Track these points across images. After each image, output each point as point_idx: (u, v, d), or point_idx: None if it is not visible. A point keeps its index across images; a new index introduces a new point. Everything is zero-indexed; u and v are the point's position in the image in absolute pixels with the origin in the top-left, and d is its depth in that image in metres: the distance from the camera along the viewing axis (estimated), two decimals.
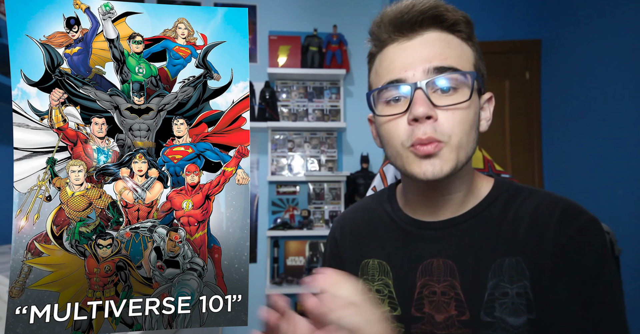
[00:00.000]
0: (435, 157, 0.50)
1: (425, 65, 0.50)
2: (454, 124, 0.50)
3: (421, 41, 0.52)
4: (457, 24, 0.53)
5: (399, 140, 0.52)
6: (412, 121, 0.50)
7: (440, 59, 0.51)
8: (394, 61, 0.53)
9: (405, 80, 0.51)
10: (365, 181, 2.32)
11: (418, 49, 0.52)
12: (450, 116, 0.50)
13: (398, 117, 0.52)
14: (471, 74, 0.51)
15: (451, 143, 0.50)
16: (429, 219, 0.59)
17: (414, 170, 0.52)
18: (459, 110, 0.50)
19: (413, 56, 0.52)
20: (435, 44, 0.52)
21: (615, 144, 1.79)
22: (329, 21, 2.54)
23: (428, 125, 0.50)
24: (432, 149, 0.50)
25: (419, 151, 0.50)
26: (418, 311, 0.56)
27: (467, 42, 0.54)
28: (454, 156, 0.51)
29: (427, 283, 0.56)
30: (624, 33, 1.75)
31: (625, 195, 1.72)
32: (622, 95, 1.75)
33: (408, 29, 0.53)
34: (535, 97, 2.39)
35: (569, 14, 2.17)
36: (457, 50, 0.52)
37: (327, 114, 2.53)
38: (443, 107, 0.50)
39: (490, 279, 0.52)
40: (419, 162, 0.51)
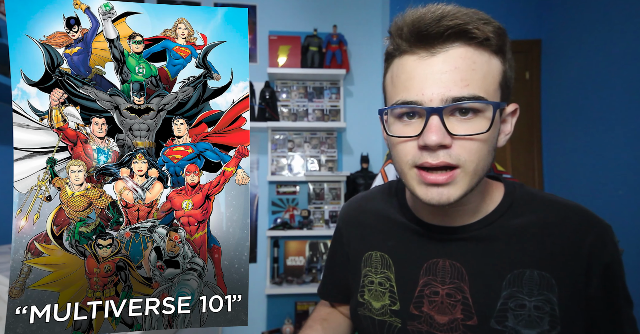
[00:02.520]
0: (444, 187, 0.47)
1: (445, 93, 0.46)
2: (471, 152, 0.47)
3: (444, 59, 0.46)
4: (487, 40, 0.47)
5: (406, 159, 0.49)
6: (423, 147, 0.47)
7: (461, 85, 0.45)
8: (411, 79, 0.48)
9: (422, 103, 0.47)
10: (365, 181, 2.32)
11: (439, 69, 0.46)
12: (467, 144, 0.46)
13: (409, 140, 0.49)
14: (493, 105, 0.46)
15: (466, 168, 0.47)
16: (438, 224, 0.57)
17: (417, 193, 0.49)
18: (477, 140, 0.47)
19: (433, 78, 0.46)
20: (459, 64, 0.46)
21: (615, 144, 1.79)
22: (329, 21, 2.54)
23: (440, 151, 0.46)
24: (443, 180, 0.47)
25: (426, 178, 0.47)
26: (416, 309, 0.56)
27: (496, 55, 0.49)
28: (467, 183, 0.48)
29: (430, 283, 0.56)
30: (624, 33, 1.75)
31: (625, 195, 1.72)
32: (622, 95, 1.75)
33: (431, 44, 0.47)
34: (535, 97, 2.39)
35: (569, 14, 2.17)
36: (483, 70, 0.47)
37: (327, 114, 2.53)
38: (460, 137, 0.46)
39: (504, 289, 0.51)
40: (425, 188, 0.48)
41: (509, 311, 0.50)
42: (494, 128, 0.48)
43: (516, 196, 0.57)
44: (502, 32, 0.48)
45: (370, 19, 2.58)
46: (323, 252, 2.44)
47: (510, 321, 0.50)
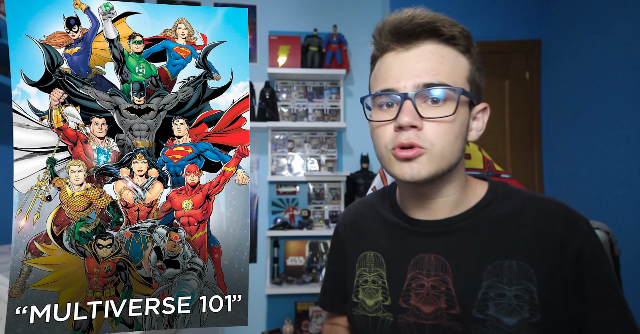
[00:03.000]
0: (414, 162, 0.53)
1: (417, 81, 0.53)
2: (438, 134, 0.53)
3: (417, 53, 0.54)
4: (454, 38, 0.54)
5: (384, 143, 0.56)
6: (398, 128, 0.53)
7: (431, 74, 0.53)
8: (390, 70, 0.56)
9: (397, 90, 0.54)
10: (365, 181, 2.32)
11: (413, 61, 0.54)
12: (435, 126, 0.53)
13: (387, 124, 0.55)
14: (458, 90, 0.53)
15: (433, 151, 0.53)
16: (423, 218, 0.61)
17: (394, 170, 0.55)
18: (444, 122, 0.53)
19: (407, 68, 0.54)
20: (429, 57, 0.54)
21: (615, 144, 1.79)
22: (329, 21, 2.54)
23: (412, 132, 0.52)
24: (411, 154, 0.53)
25: (398, 154, 0.54)
26: (405, 302, 0.59)
27: (464, 54, 0.56)
28: (435, 163, 0.53)
29: (417, 276, 0.59)
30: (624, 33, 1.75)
31: (625, 195, 1.72)
32: (622, 95, 1.76)
33: (405, 40, 0.55)
34: (535, 97, 2.39)
35: (569, 14, 2.17)
36: (451, 64, 0.54)
37: (327, 114, 2.53)
38: (428, 119, 0.53)
39: (485, 279, 0.54)
40: (399, 165, 0.54)
41: (489, 300, 0.53)
42: (460, 116, 0.54)
43: (498, 192, 0.61)
44: (467, 34, 0.56)
45: (370, 19, 2.58)
46: (323, 252, 2.44)
47: (490, 309, 0.53)
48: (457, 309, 0.54)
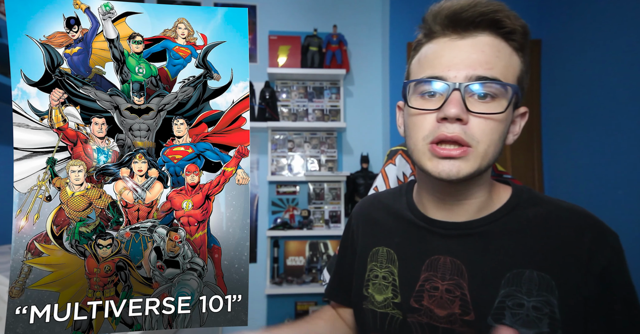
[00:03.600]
0: (458, 160, 0.49)
1: (470, 72, 0.49)
2: (484, 132, 0.49)
3: (472, 43, 0.50)
4: (513, 33, 0.51)
5: (422, 134, 0.52)
6: (441, 120, 0.50)
7: (486, 67, 0.49)
8: (441, 57, 0.51)
9: (446, 79, 0.50)
10: (365, 181, 2.32)
11: (467, 50, 0.50)
12: (482, 123, 0.49)
13: (428, 113, 0.51)
14: (512, 88, 0.50)
15: (478, 149, 0.49)
16: (442, 219, 0.59)
17: (428, 167, 0.51)
18: (492, 120, 0.49)
19: (460, 57, 0.50)
20: (486, 49, 0.50)
21: (615, 144, 1.79)
22: (329, 21, 2.54)
23: (457, 125, 0.49)
24: (456, 154, 0.49)
25: (439, 152, 0.50)
26: (416, 302, 0.57)
27: (517, 52, 0.52)
28: (477, 163, 0.50)
29: (430, 278, 0.57)
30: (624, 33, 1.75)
31: (625, 195, 1.72)
32: (622, 95, 1.75)
33: (463, 28, 0.51)
34: (535, 97, 2.39)
35: (569, 14, 2.17)
36: (505, 60, 0.51)
37: (327, 114, 2.53)
38: (476, 114, 0.49)
39: (503, 287, 0.52)
40: (438, 162, 0.50)
41: (506, 309, 0.51)
42: (507, 115, 0.51)
43: (522, 197, 0.57)
44: (527, 30, 0.52)
45: (370, 19, 2.58)
46: (323, 252, 2.44)
47: (507, 319, 0.50)
48: (471, 316, 0.52)
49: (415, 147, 0.53)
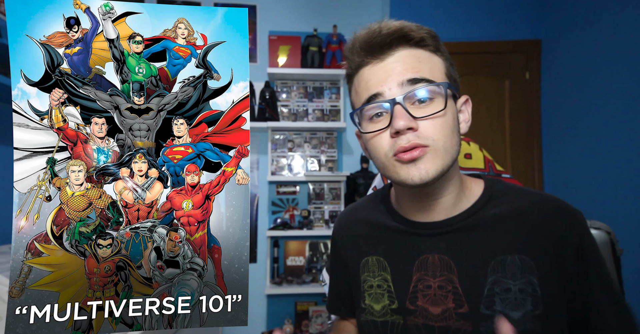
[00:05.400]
0: (421, 162, 0.53)
1: (399, 79, 0.54)
2: (436, 130, 0.53)
3: (393, 60, 0.55)
4: (423, 40, 0.56)
5: (383, 152, 0.55)
6: (395, 134, 0.53)
7: (413, 71, 0.54)
8: (370, 80, 0.56)
9: (382, 94, 0.54)
10: (365, 181, 2.32)
11: (391, 67, 0.55)
12: (430, 123, 0.53)
13: (381, 132, 0.55)
14: (443, 84, 0.54)
15: (436, 146, 0.53)
16: (422, 220, 0.61)
17: (401, 176, 0.54)
18: (438, 118, 0.53)
19: (387, 73, 0.55)
20: (406, 59, 0.55)
21: (615, 144, 1.79)
22: (329, 21, 2.54)
23: (410, 134, 0.52)
24: (417, 154, 0.52)
25: (403, 158, 0.53)
26: (412, 304, 0.59)
27: (435, 53, 0.57)
28: (440, 159, 0.53)
29: (422, 278, 0.59)
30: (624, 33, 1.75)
31: (625, 195, 1.72)
32: (622, 95, 1.75)
33: (378, 51, 0.56)
34: (535, 97, 2.39)
35: (569, 14, 2.17)
36: (428, 63, 0.55)
37: (327, 114, 2.53)
38: (423, 118, 0.53)
39: (489, 275, 0.55)
40: (406, 169, 0.53)
41: (495, 295, 0.54)
42: (450, 109, 0.55)
43: (494, 189, 0.61)
44: (434, 34, 0.57)
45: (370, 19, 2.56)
46: (323, 252, 2.44)
47: (497, 305, 0.53)
48: (465, 308, 0.55)
49: (383, 165, 0.57)
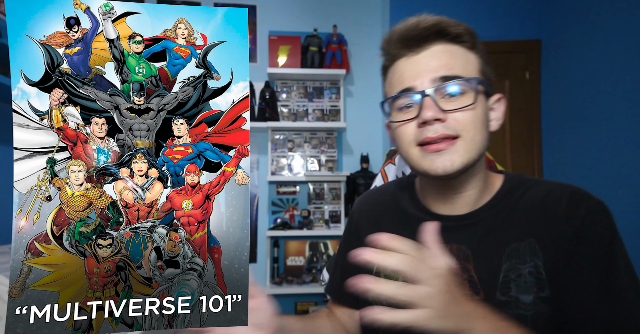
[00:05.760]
0: (447, 153, 0.53)
1: (432, 75, 0.54)
2: (465, 121, 0.53)
3: (428, 54, 0.56)
4: (460, 36, 0.57)
5: (408, 141, 0.56)
6: (421, 124, 0.54)
7: (446, 69, 0.54)
8: (404, 73, 0.57)
9: (415, 88, 0.55)
10: (365, 181, 2.32)
11: (425, 61, 0.56)
12: (460, 115, 0.54)
13: (409, 122, 0.56)
14: (474, 80, 0.55)
15: (464, 137, 0.53)
16: (445, 213, 0.62)
17: (424, 166, 0.55)
18: (468, 110, 0.54)
19: (420, 67, 0.56)
20: (441, 56, 0.56)
21: (615, 144, 1.79)
22: (329, 21, 2.54)
23: (438, 125, 0.53)
24: (443, 146, 0.53)
25: (428, 148, 0.54)
26: None
27: (471, 50, 0.58)
28: (467, 151, 0.53)
29: None
30: (624, 33, 1.75)
31: (625, 195, 1.72)
32: (622, 95, 1.75)
33: (415, 45, 0.57)
34: (535, 97, 2.39)
35: (569, 14, 2.17)
36: (462, 60, 0.56)
37: (327, 114, 2.53)
38: (451, 111, 0.53)
39: (504, 263, 0.55)
40: (430, 159, 0.54)
41: (510, 282, 0.54)
42: (480, 104, 0.55)
43: (513, 182, 0.62)
44: (472, 31, 0.58)
45: (370, 19, 2.58)
46: (323, 252, 2.44)
47: (513, 291, 0.54)
48: (481, 295, 0.55)
49: (407, 154, 0.58)
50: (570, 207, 0.54)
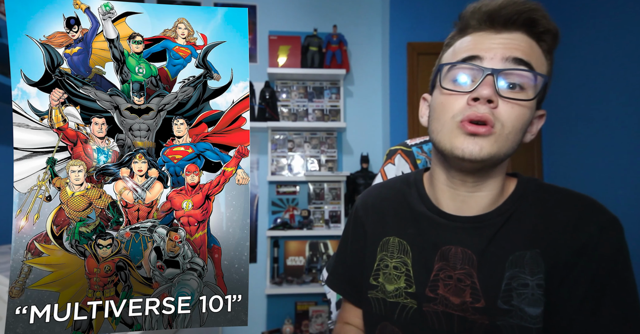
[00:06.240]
0: (480, 139, 0.51)
1: (507, 53, 0.51)
2: (511, 117, 0.51)
3: (507, 37, 0.53)
4: (545, 33, 0.54)
5: (452, 113, 0.53)
6: (472, 101, 0.51)
7: (523, 53, 0.51)
8: (478, 43, 0.54)
9: (483, 58, 0.52)
10: (365, 181, 2.32)
11: (503, 41, 0.53)
12: (510, 108, 0.51)
13: (460, 95, 0.53)
14: (543, 77, 0.52)
15: (502, 132, 0.51)
16: (454, 213, 0.60)
17: (454, 144, 0.52)
18: (519, 107, 0.51)
19: (497, 41, 0.52)
20: (520, 43, 0.52)
21: (615, 144, 1.79)
22: (329, 21, 2.54)
23: (486, 107, 0.51)
24: (482, 131, 0.50)
25: (467, 128, 0.51)
26: (432, 292, 0.58)
27: (546, 55, 0.55)
28: (497, 145, 0.51)
29: (444, 268, 0.58)
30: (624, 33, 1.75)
31: (625, 195, 1.72)
32: (622, 95, 1.75)
33: (500, 24, 0.53)
34: None
35: (568, 14, 2.17)
36: (538, 57, 0.53)
37: (327, 114, 2.53)
38: (506, 99, 0.51)
39: (507, 270, 0.54)
40: (464, 139, 0.52)
41: (513, 290, 0.53)
42: (532, 106, 0.53)
43: (526, 188, 0.60)
44: (558, 32, 0.55)
45: (370, 19, 2.58)
46: (323, 252, 2.44)
47: (515, 300, 0.52)
48: (482, 303, 0.54)
49: (443, 127, 0.54)
50: (581, 220, 0.52)
